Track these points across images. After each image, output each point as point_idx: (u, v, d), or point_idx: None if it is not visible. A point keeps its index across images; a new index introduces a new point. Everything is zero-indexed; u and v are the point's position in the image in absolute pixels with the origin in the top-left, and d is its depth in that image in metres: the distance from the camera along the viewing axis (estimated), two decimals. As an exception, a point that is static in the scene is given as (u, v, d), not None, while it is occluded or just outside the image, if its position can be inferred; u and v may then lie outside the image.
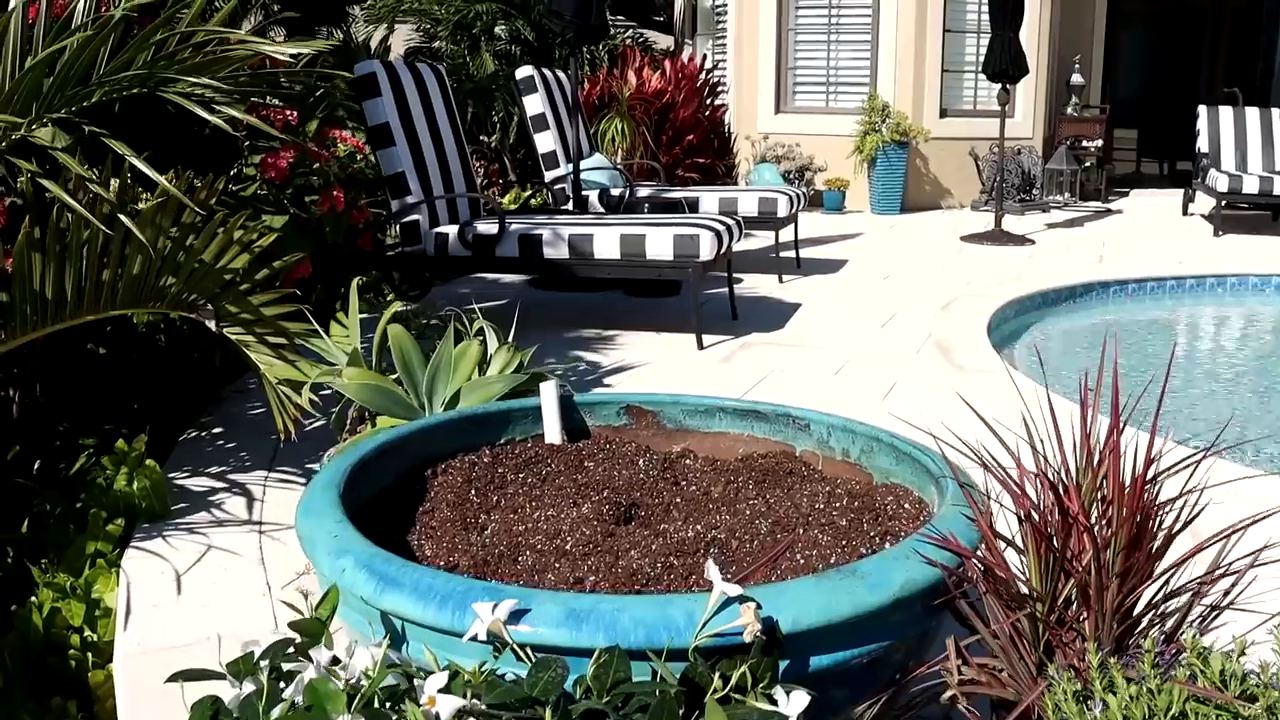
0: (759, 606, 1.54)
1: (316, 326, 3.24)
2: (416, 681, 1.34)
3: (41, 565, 3.04)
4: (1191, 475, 1.82)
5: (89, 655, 2.80)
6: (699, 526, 2.11)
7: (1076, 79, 12.43)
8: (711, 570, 1.56)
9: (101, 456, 3.32)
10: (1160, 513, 1.75)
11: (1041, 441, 1.91)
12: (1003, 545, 1.84)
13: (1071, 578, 1.75)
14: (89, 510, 3.06)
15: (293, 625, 1.53)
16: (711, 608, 1.53)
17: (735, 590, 1.53)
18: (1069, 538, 1.77)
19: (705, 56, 11.68)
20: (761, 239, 8.71)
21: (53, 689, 2.85)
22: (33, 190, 2.84)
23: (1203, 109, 10.94)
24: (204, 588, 2.80)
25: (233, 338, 3.11)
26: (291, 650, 1.51)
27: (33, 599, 2.92)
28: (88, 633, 2.83)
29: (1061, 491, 1.79)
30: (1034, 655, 1.76)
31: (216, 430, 4.02)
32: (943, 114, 11.72)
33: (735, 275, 6.86)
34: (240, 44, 3.01)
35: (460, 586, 1.59)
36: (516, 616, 1.54)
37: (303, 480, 3.50)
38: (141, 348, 4.27)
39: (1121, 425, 1.83)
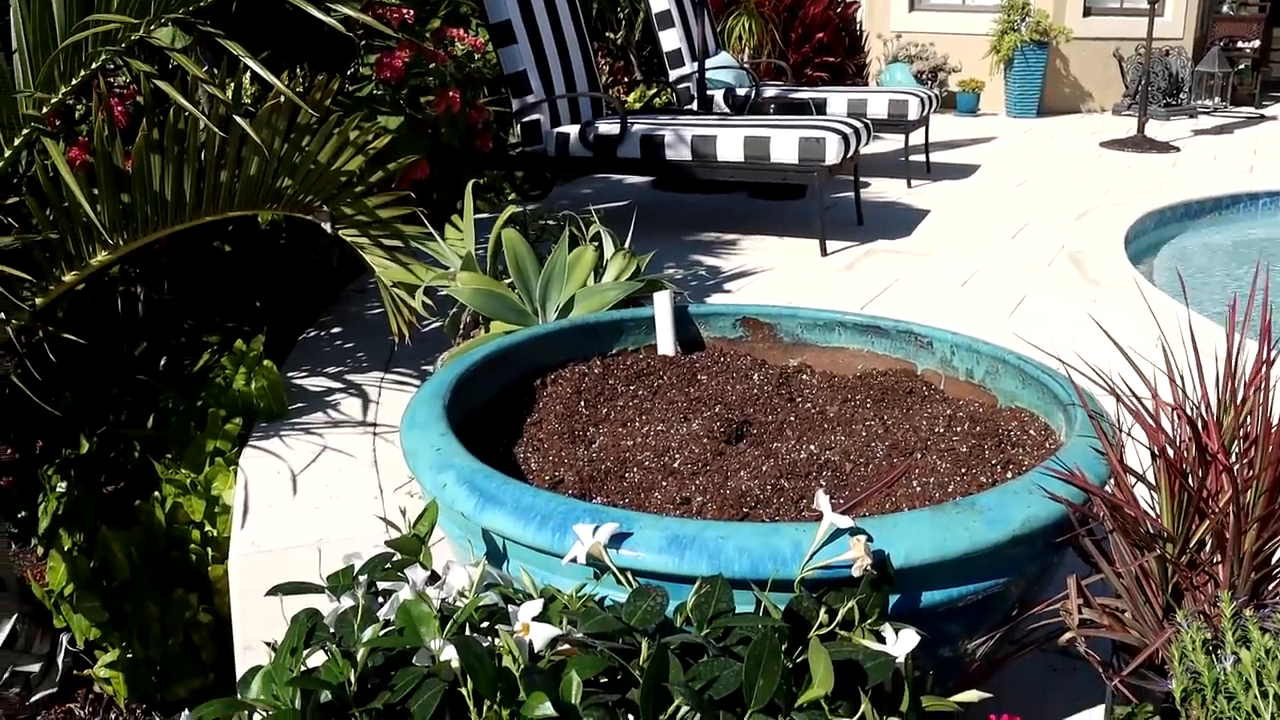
0: (870, 539, 1.48)
1: (431, 229, 3.21)
2: (512, 608, 1.31)
3: (164, 461, 3.11)
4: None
5: (209, 550, 2.87)
6: (813, 447, 2.04)
7: (1234, -26, 11.76)
8: (821, 500, 1.49)
9: (223, 355, 3.36)
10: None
11: (1180, 372, 1.80)
12: (1133, 481, 1.73)
13: (1206, 519, 1.64)
14: (209, 409, 3.11)
15: (390, 543, 1.51)
16: (820, 539, 1.47)
17: (846, 522, 1.46)
18: (1206, 477, 1.66)
19: (838, -49, 11.30)
20: (891, 142, 8.47)
21: (175, 581, 2.93)
22: (151, 92, 2.84)
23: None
24: (318, 489, 2.83)
25: (348, 240, 3.10)
26: (389, 566, 1.49)
27: (156, 494, 2.99)
28: (208, 528, 2.89)
29: (1200, 427, 1.68)
30: (1161, 598, 1.67)
31: (335, 330, 4.05)
32: (1086, 12, 11.19)
33: (862, 179, 6.68)
34: (357, -61, 2.95)
35: (561, 507, 1.56)
36: (618, 540, 1.50)
37: (417, 382, 3.51)
38: (264, 247, 4.31)
39: (1271, 356, 1.70)
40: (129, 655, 2.89)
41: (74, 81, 2.79)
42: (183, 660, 2.89)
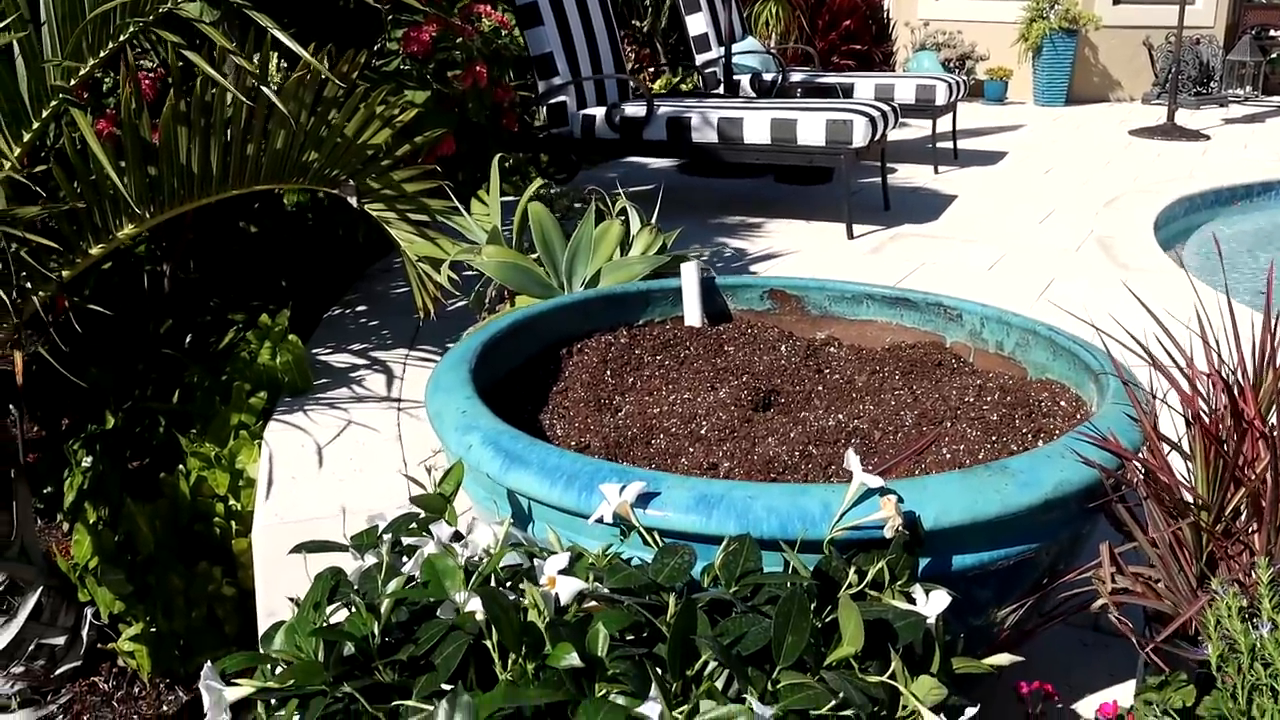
0: (900, 500, 1.46)
1: (457, 204, 3.20)
2: (537, 562, 1.29)
3: (189, 436, 3.11)
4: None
5: (232, 523, 2.87)
6: (841, 416, 2.02)
7: (1266, -39, 11.64)
8: (851, 460, 1.47)
9: (248, 331, 3.36)
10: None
11: (1215, 340, 1.77)
12: (1167, 449, 1.71)
13: (1243, 486, 1.61)
14: (233, 383, 3.10)
15: (415, 500, 1.50)
16: (850, 499, 1.45)
17: (876, 482, 1.45)
18: (1242, 443, 1.64)
19: (865, -62, 11.23)
20: (918, 128, 8.42)
21: (199, 554, 2.93)
22: (178, 64, 2.84)
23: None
24: (342, 462, 2.82)
25: (374, 214, 3.09)
26: (414, 525, 1.48)
27: (180, 468, 2.99)
28: (231, 501, 2.89)
29: (1236, 393, 1.65)
30: (1195, 567, 1.64)
31: (360, 308, 4.05)
32: (1116, 0, 11.09)
33: (889, 165, 6.64)
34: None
35: (588, 467, 1.54)
36: (645, 500, 1.48)
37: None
38: (290, 227, 4.31)
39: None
40: (153, 629, 2.89)
41: (102, 54, 2.78)
42: (206, 633, 2.89)
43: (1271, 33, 11.41)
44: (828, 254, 4.92)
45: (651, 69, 10.28)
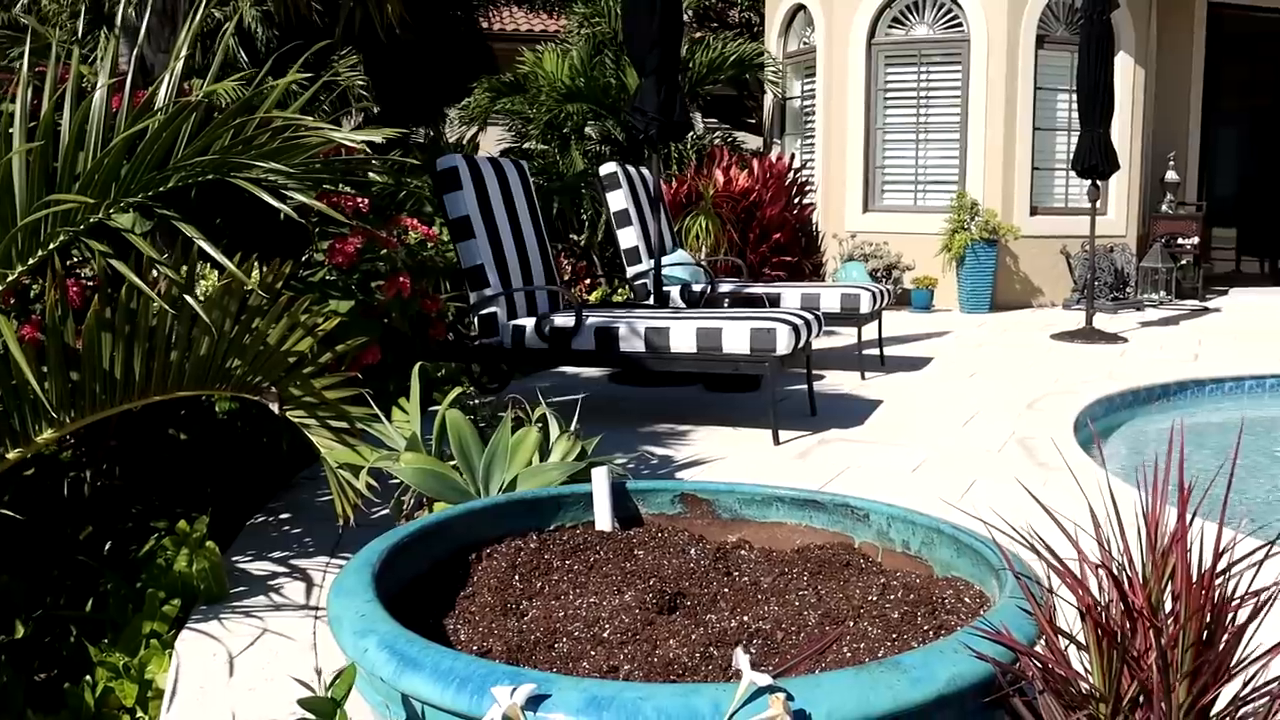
0: (790, 698, 1.46)
1: (378, 411, 3.23)
2: (420, 765, 1.28)
3: (101, 645, 3.04)
4: (1261, 568, 1.71)
5: (138, 737, 2.78)
6: (745, 617, 2.03)
7: (1171, 176, 12.25)
8: (740, 658, 1.48)
9: (165, 538, 3.33)
10: (1236, 608, 1.64)
11: (1107, 535, 1.82)
12: (1064, 642, 1.73)
13: (1136, 677, 1.64)
14: (147, 590, 3.06)
15: (303, 703, 1.48)
16: (740, 698, 1.45)
17: (764, 679, 1.45)
18: (1135, 634, 1.66)
19: (793, 155, 11.73)
20: (845, 336, 8.63)
21: (102, 771, 2.83)
22: (105, 271, 2.89)
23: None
24: (254, 671, 2.77)
25: (295, 420, 3.11)
26: (303, 731, 1.47)
27: (87, 678, 2.92)
28: (139, 713, 2.81)
29: (1125, 584, 1.69)
30: (1095, 760, 1.64)
31: (284, 516, 4.03)
32: (1033, 211, 11.60)
33: (817, 372, 6.79)
34: (313, 130, 3.06)
35: (480, 669, 1.54)
36: (535, 702, 1.47)
37: (364, 566, 3.47)
38: (219, 434, 4.31)
39: (1190, 515, 1.72)
40: None
41: (31, 261, 2.83)
42: None
43: (1180, 241, 11.93)
44: (754, 460, 4.98)
45: (588, 280, 10.53)
